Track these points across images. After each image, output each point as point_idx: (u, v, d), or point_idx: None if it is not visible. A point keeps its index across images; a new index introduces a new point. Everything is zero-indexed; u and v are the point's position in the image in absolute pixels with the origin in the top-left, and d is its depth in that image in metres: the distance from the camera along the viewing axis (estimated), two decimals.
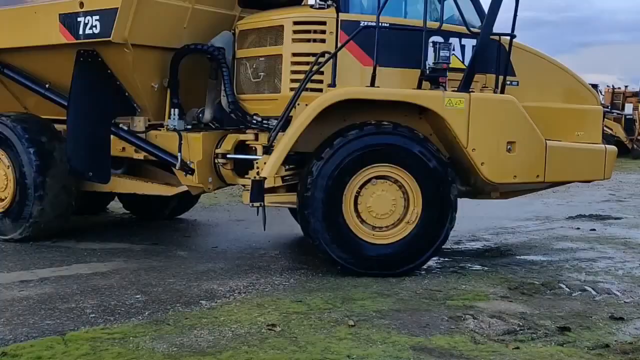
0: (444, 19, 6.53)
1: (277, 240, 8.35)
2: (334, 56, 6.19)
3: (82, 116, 6.92)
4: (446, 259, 7.22)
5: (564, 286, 6.01)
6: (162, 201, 8.60)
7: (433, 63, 6.18)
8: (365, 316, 4.94)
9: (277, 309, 5.05)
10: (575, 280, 6.26)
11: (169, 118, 6.92)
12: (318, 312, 5.01)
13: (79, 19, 6.65)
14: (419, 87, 6.32)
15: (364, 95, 6.18)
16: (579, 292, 5.84)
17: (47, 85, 7.40)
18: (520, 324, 4.82)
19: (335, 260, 6.20)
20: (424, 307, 5.24)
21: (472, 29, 6.41)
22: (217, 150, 6.83)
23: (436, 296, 5.57)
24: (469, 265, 6.93)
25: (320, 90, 6.28)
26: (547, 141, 6.45)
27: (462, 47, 6.58)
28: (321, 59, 6.23)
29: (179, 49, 6.86)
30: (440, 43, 6.19)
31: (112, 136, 7.09)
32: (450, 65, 6.23)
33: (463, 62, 6.55)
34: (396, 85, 6.31)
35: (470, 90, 6.32)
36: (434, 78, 6.20)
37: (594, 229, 9.33)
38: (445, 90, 6.18)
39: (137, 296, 5.39)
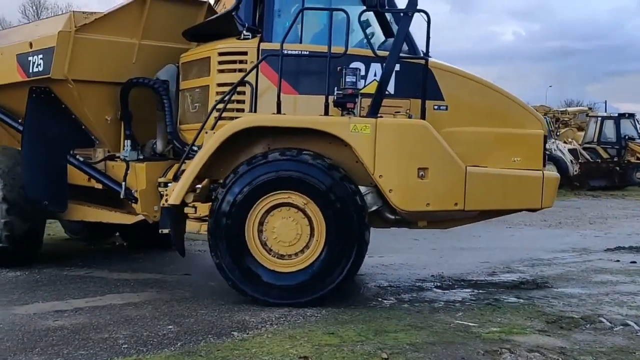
0: (382, 45, 6.48)
1: None
2: (238, 85, 6.31)
3: (36, 148, 7.26)
4: (480, 291, 7.10)
5: (604, 320, 5.84)
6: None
7: (340, 89, 6.08)
8: (399, 349, 4.85)
9: (309, 341, 5.00)
10: (616, 314, 6.08)
11: (123, 149, 7.21)
12: (351, 344, 4.94)
13: (29, 58, 7.12)
14: (326, 113, 6.16)
15: (266, 123, 6.18)
16: (621, 327, 5.67)
17: (20, 120, 7.65)
18: (560, 359, 4.68)
19: (240, 289, 6.12)
20: (458, 340, 5.14)
21: (379, 52, 6.25)
22: (160, 180, 6.90)
23: (471, 329, 5.46)
24: (504, 297, 6.79)
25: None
26: (468, 167, 6.13)
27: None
28: (242, 88, 6.35)
29: (124, 83, 7.15)
30: (347, 69, 6.07)
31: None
32: (369, 91, 6.19)
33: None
34: (316, 112, 6.17)
35: (379, 115, 6.13)
36: (343, 104, 6.09)
37: (635, 262, 9.09)
38: (354, 115, 6.08)
39: (170, 327, 5.38)
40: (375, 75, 6.32)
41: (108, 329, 5.29)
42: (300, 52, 6.37)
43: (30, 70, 7.13)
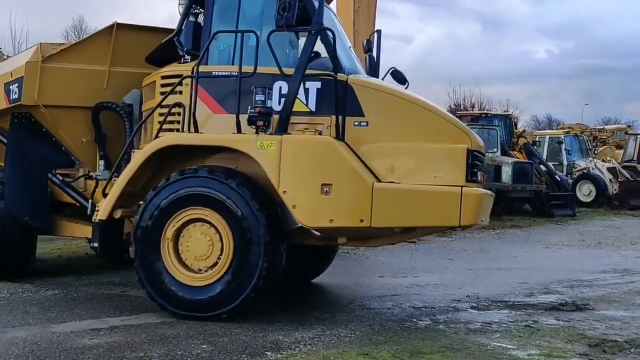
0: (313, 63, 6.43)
1: (341, 291, 8.28)
2: (156, 109, 6.76)
3: (17, 167, 7.74)
4: (518, 312, 6.97)
5: None
6: None
7: (251, 107, 6.22)
8: None
9: None
10: None
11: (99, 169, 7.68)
12: None
13: (10, 87, 7.71)
14: (239, 131, 6.32)
15: (181, 142, 6.44)
16: None
17: None
18: None
19: (155, 300, 6.28)
20: None
21: (285, 70, 6.26)
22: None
23: (509, 352, 5.35)
24: (543, 319, 6.65)
25: None
26: (375, 183, 6.03)
27: (306, 90, 6.41)
28: (176, 109, 6.62)
29: (93, 107, 7.59)
30: (257, 87, 6.22)
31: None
32: (293, 109, 6.29)
33: (307, 104, 6.41)
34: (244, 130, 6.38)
35: (289, 132, 6.25)
36: (254, 122, 6.21)
37: None
38: (264, 133, 6.20)
39: (204, 346, 5.38)
40: (296, 93, 6.38)
41: (143, 347, 5.31)
42: (216, 73, 6.60)
43: (10, 98, 7.71)
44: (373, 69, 7.48)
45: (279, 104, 6.35)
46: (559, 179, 22.47)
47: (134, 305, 6.80)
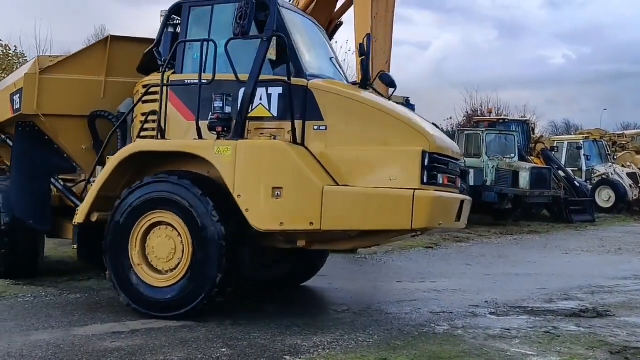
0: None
1: (360, 296, 8.29)
2: (126, 116, 7.29)
3: (22, 173, 8.07)
4: (537, 318, 6.94)
5: None
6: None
7: (212, 114, 6.39)
8: None
9: None
10: None
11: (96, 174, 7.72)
12: None
13: (14, 97, 8.09)
14: (199, 136, 6.55)
15: (145, 149, 6.72)
16: None
17: None
18: None
19: (124, 298, 6.51)
20: None
21: (241, 76, 6.38)
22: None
23: (529, 358, 5.34)
24: (563, 325, 6.62)
25: None
26: (325, 187, 6.05)
27: (269, 95, 6.53)
28: (153, 117, 6.89)
29: (88, 116, 7.83)
30: (215, 94, 6.39)
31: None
32: (256, 115, 6.47)
33: (269, 110, 6.53)
34: (210, 136, 6.50)
35: (247, 137, 6.44)
36: (213, 128, 6.40)
37: None
38: (223, 139, 6.37)
39: (223, 350, 5.42)
40: (260, 99, 6.52)
41: (163, 350, 5.36)
42: (187, 81, 6.78)
43: (14, 107, 8.09)
44: (365, 71, 7.60)
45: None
46: (577, 184, 22.34)
47: None
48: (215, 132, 6.42)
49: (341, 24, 13.01)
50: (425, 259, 11.99)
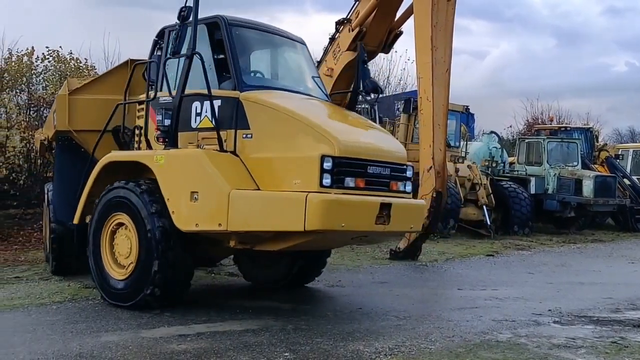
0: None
1: (421, 303, 8.27)
2: (104, 131, 8.06)
3: (62, 181, 8.95)
4: (604, 328, 6.79)
5: None
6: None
7: (160, 126, 7.14)
8: None
9: None
10: None
11: None
12: None
13: (54, 115, 9.11)
14: (149, 147, 7.39)
15: (113, 159, 7.56)
16: None
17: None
18: None
19: (100, 290, 7.42)
20: None
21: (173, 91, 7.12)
22: None
23: None
24: (631, 336, 6.46)
25: None
26: (232, 191, 6.46)
27: (212, 108, 6.94)
28: (137, 132, 7.77)
29: (112, 130, 8.34)
30: (157, 109, 7.23)
31: None
32: (203, 126, 7.03)
33: (212, 121, 6.97)
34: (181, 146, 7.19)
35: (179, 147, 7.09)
36: (158, 139, 7.23)
37: None
38: (169, 149, 7.07)
39: (286, 354, 5.51)
40: (206, 111, 7.04)
41: (228, 354, 5.48)
42: (163, 99, 7.38)
43: (53, 124, 9.09)
44: (360, 79, 8.10)
45: (195, 121, 7.12)
46: None
47: (218, 313, 7.01)
48: (160, 143, 7.24)
49: (401, 33, 13.05)
50: (486, 266, 11.85)
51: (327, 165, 6.28)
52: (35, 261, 10.80)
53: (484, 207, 17.04)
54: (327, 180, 6.28)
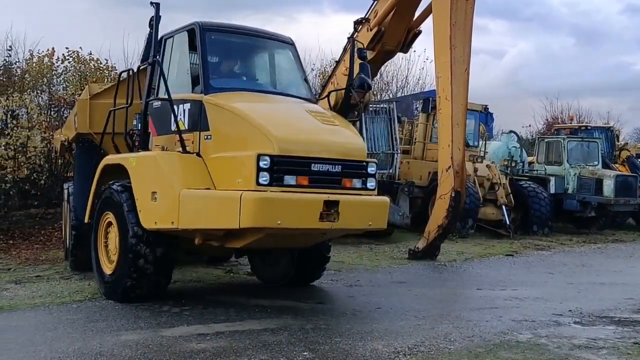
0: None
1: (440, 302, 8.23)
2: (104, 133, 8.60)
3: (82, 180, 9.22)
4: (625, 329, 6.72)
5: None
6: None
7: (136, 130, 7.84)
8: None
9: None
10: None
11: None
12: None
13: (75, 119, 9.64)
14: (130, 150, 8.01)
15: (107, 162, 8.04)
16: None
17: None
18: None
19: (98, 287, 7.93)
20: None
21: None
22: None
23: None
24: None
25: None
26: (183, 190, 6.78)
27: (184, 111, 7.43)
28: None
29: (126, 133, 8.49)
30: (135, 114, 7.90)
31: None
32: (176, 128, 7.30)
33: (185, 123, 7.41)
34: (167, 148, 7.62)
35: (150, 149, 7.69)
36: (135, 142, 7.90)
37: None
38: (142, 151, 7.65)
39: (305, 353, 5.51)
40: (182, 115, 7.43)
41: (247, 353, 5.50)
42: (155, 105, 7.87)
43: (75, 127, 9.62)
44: (351, 75, 8.36)
45: (172, 125, 7.37)
46: None
47: (237, 312, 7.04)
48: (137, 146, 7.85)
49: (419, 32, 13.01)
50: (505, 266, 11.78)
51: (264, 163, 6.41)
52: (55, 260, 10.91)
53: (503, 206, 16.94)
54: (264, 179, 6.42)
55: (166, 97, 7.32)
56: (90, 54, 18.21)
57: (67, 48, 18.08)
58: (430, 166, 16.64)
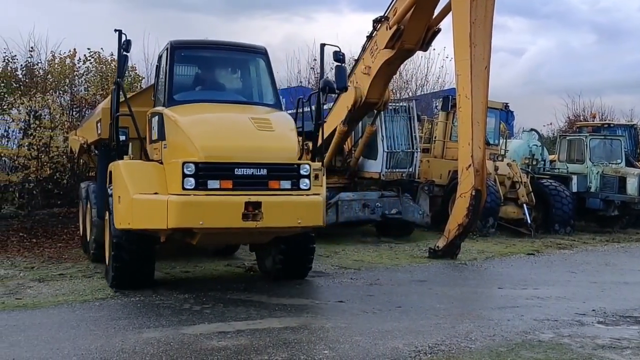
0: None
1: (460, 301, 8.19)
2: (117, 137, 8.77)
3: (103, 183, 9.42)
4: None
5: None
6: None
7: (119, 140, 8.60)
8: None
9: None
10: None
11: None
12: None
13: (97, 125, 10.31)
14: (119, 157, 8.48)
15: (109, 167, 8.59)
16: None
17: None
18: None
19: (105, 277, 8.78)
20: None
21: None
22: None
23: None
24: None
25: None
26: (134, 195, 7.48)
27: (135, 124, 8.34)
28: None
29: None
30: (119, 127, 8.59)
31: None
32: (153, 138, 8.42)
33: (138, 134, 8.49)
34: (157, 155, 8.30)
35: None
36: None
37: None
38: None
39: (325, 352, 5.52)
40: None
41: (267, 351, 5.52)
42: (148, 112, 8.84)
43: (97, 132, 10.29)
44: (326, 77, 8.89)
45: (152, 136, 8.40)
46: None
47: (258, 310, 7.06)
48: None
49: (439, 30, 12.92)
50: (526, 265, 11.68)
51: (189, 170, 7.17)
52: (78, 258, 11.02)
53: (524, 205, 16.79)
54: (189, 184, 7.17)
55: (128, 112, 8.20)
56: (112, 54, 18.34)
57: (88, 49, 18.25)
58: (450, 165, 16.56)
